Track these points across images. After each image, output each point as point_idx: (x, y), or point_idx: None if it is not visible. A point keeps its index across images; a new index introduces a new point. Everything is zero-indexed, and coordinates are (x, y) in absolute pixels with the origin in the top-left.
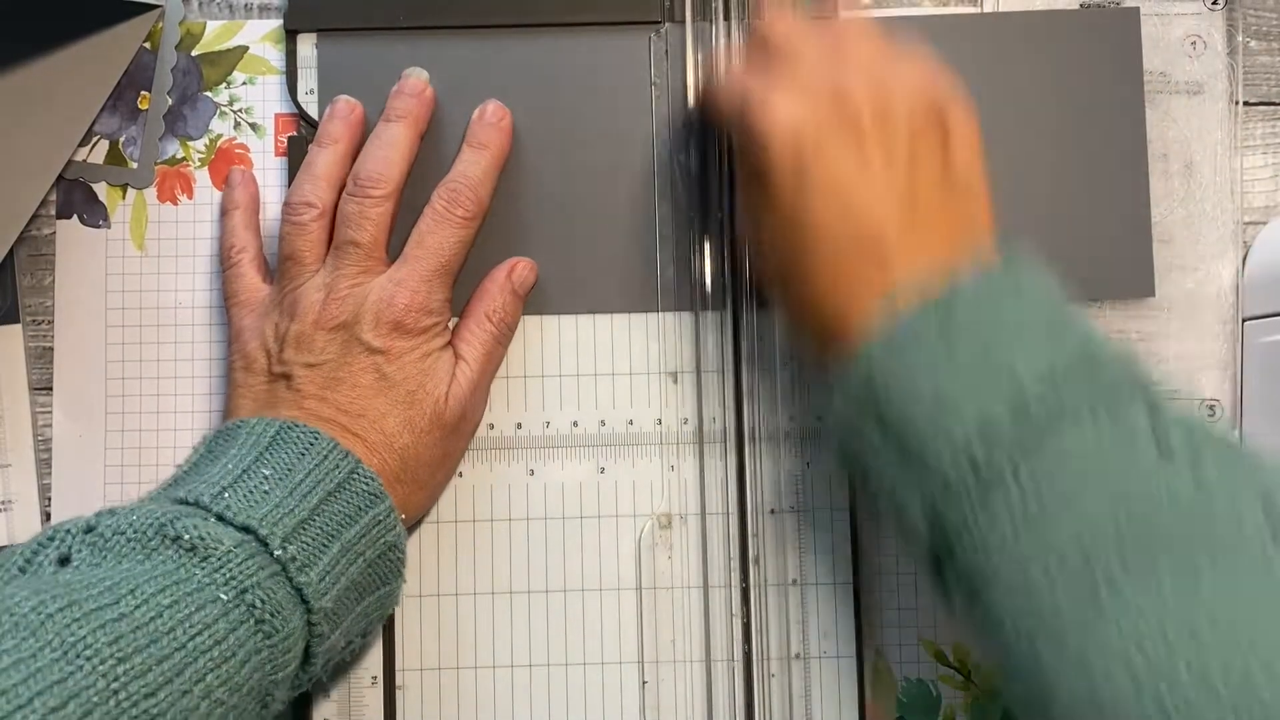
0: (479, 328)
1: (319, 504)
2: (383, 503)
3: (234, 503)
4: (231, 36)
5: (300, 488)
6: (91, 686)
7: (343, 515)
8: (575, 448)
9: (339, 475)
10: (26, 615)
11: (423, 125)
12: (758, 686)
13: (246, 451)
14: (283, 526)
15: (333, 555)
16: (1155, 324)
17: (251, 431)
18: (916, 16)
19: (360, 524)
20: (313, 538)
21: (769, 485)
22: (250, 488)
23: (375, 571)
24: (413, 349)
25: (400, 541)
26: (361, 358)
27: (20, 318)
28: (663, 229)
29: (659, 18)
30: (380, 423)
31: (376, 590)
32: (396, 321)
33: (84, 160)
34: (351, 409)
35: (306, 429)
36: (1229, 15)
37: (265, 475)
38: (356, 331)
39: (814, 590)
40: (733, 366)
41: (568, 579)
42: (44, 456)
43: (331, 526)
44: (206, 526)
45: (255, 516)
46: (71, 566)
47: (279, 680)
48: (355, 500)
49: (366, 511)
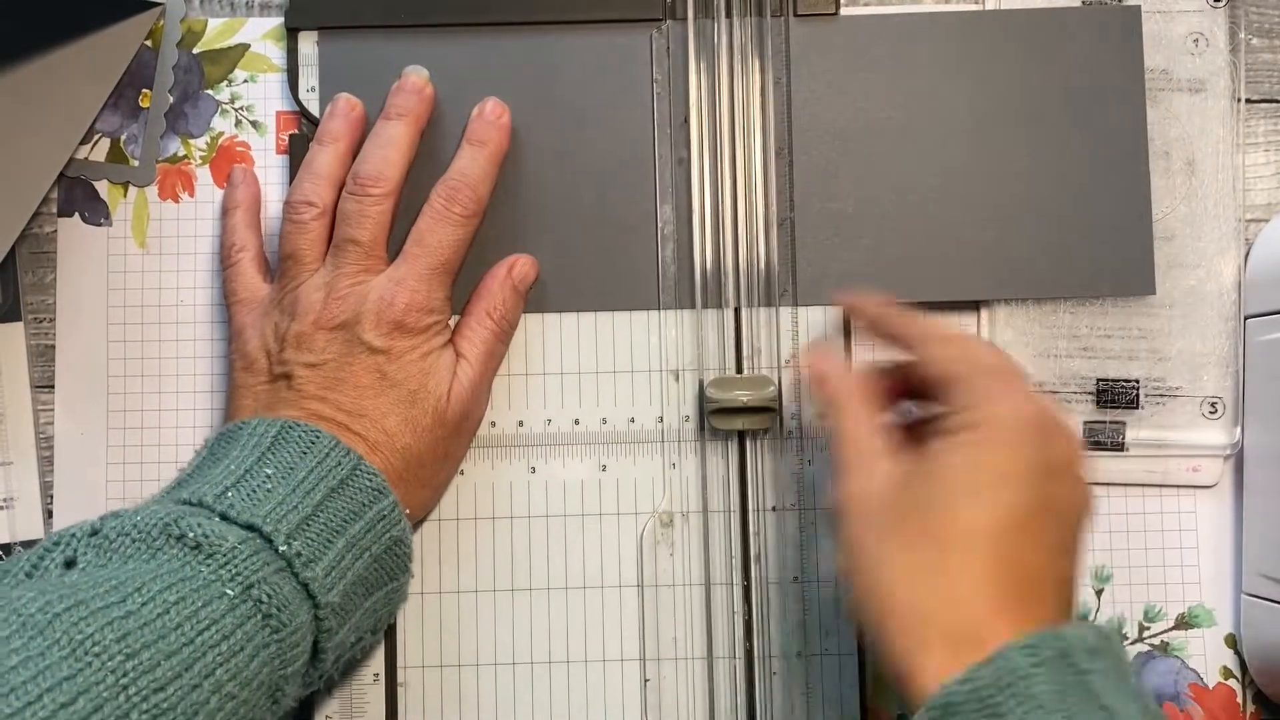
0: (480, 325)
1: (322, 500)
2: (386, 498)
3: (237, 501)
4: (233, 34)
5: (303, 485)
6: (100, 682)
7: (346, 511)
8: (577, 445)
9: (341, 472)
10: (34, 615)
11: (422, 123)
12: (759, 684)
13: (248, 452)
14: (286, 523)
15: (338, 550)
16: (1157, 322)
17: (253, 432)
18: (919, 14)
19: (364, 519)
20: (317, 534)
21: (770, 483)
22: (253, 487)
23: (382, 566)
24: (414, 348)
25: (406, 536)
26: (363, 358)
27: (22, 316)
28: (664, 226)
29: (660, 15)
30: (382, 422)
31: (384, 585)
32: (397, 321)
33: (85, 158)
34: (353, 409)
35: (308, 428)
36: (1231, 13)
37: (268, 474)
38: (357, 332)
39: (815, 588)
40: (734, 365)
41: (569, 576)
42: (45, 454)
43: (335, 523)
44: (211, 525)
45: (259, 514)
46: (78, 568)
47: (288, 675)
48: (359, 496)
49: (370, 507)
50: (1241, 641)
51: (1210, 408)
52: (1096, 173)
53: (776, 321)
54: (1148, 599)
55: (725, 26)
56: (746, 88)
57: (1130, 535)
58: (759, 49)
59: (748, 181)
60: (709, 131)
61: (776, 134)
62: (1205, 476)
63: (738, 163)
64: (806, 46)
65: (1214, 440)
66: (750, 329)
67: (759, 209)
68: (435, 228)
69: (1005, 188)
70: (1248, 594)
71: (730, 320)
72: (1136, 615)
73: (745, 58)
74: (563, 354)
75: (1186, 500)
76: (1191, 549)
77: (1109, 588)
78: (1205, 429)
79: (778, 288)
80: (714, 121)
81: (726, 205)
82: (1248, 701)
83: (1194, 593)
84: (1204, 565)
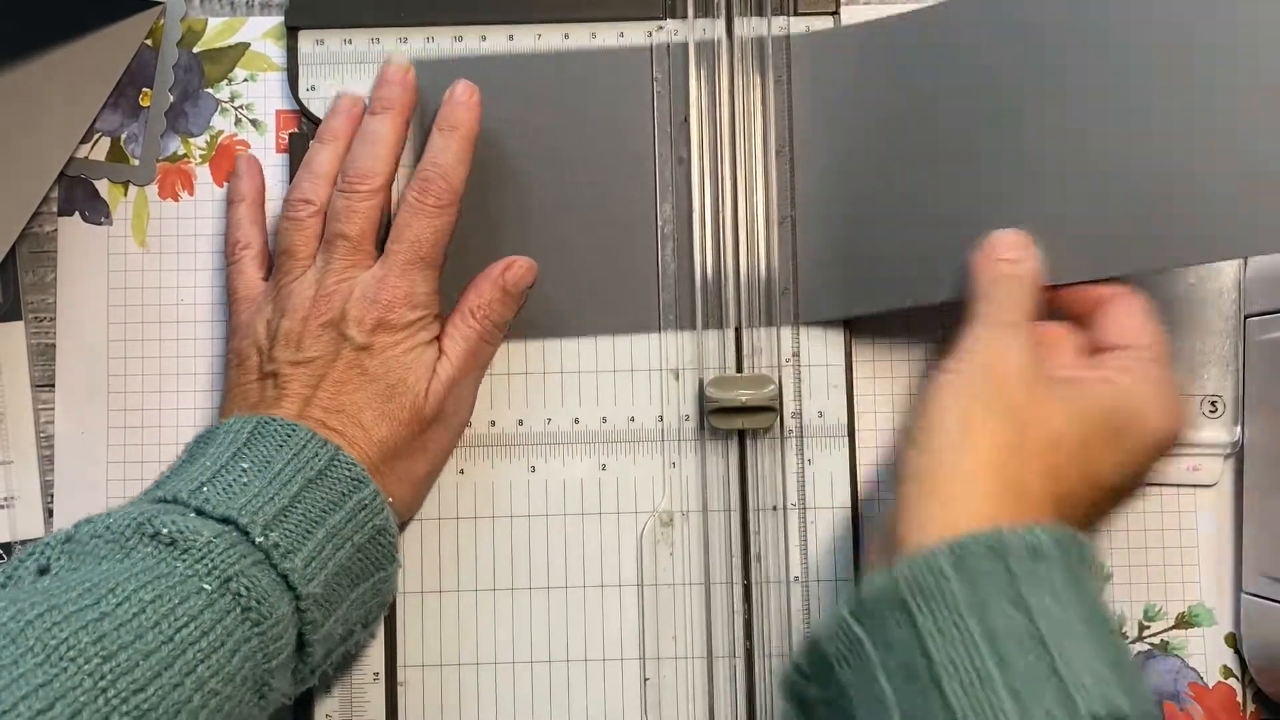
0: (462, 323)
1: (300, 491)
2: (366, 487)
3: (212, 496)
4: (233, 33)
5: (280, 477)
6: (78, 687)
7: (325, 501)
8: (577, 444)
9: (319, 463)
10: (5, 624)
11: (409, 112)
12: (759, 683)
13: (224, 449)
14: (263, 515)
15: (317, 541)
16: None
17: (229, 430)
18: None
19: (345, 509)
20: (295, 524)
21: (770, 482)
22: (229, 481)
23: (366, 556)
24: (397, 343)
25: (389, 525)
26: (347, 354)
27: (22, 315)
28: (664, 225)
29: (660, 14)
30: (358, 416)
31: (371, 576)
32: (380, 319)
33: (85, 157)
34: (331, 405)
35: (284, 423)
36: None
37: (244, 469)
38: (343, 329)
39: (815, 587)
40: (734, 364)
41: (569, 575)
42: (46, 453)
43: (314, 513)
44: (185, 521)
45: (234, 507)
46: (51, 574)
47: (273, 669)
48: (338, 486)
49: (350, 496)
50: (1241, 640)
51: (1210, 406)
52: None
53: (777, 320)
54: (1148, 598)
55: (725, 25)
56: (747, 87)
57: (1130, 534)
58: (759, 48)
59: (748, 180)
60: (709, 131)
61: (777, 133)
62: (1205, 475)
63: (738, 162)
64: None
65: (1214, 439)
66: (751, 328)
67: (759, 207)
68: (411, 221)
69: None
70: (1248, 593)
71: (731, 319)
72: (1136, 614)
73: (745, 56)
74: (563, 353)
75: (1187, 499)
76: (1192, 548)
77: (1109, 587)
78: (1205, 428)
79: (778, 286)
80: (714, 121)
81: (727, 204)
82: (1248, 701)
83: (1194, 592)
84: (1204, 564)
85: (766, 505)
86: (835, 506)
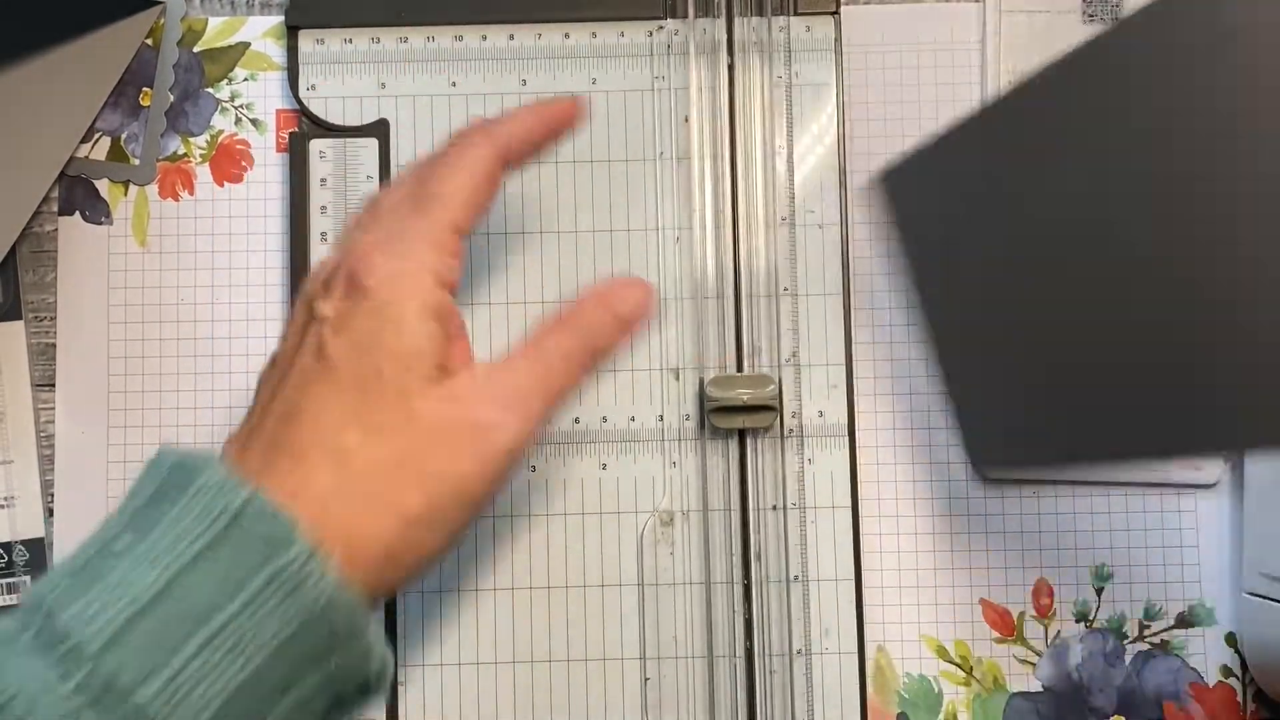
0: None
1: (172, 580)
2: (286, 552)
3: (64, 599)
4: (233, 33)
5: (149, 556)
6: None
7: (207, 594)
8: (577, 444)
9: (210, 531)
10: None
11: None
12: (759, 683)
13: (125, 505)
14: (101, 633)
15: (184, 657)
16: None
17: (146, 475)
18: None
19: (239, 599)
20: (148, 641)
21: (771, 482)
22: (96, 569)
23: (292, 665)
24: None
25: (337, 603)
26: (310, 333)
27: (22, 314)
28: (664, 225)
29: (661, 13)
30: (318, 419)
31: (305, 692)
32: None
33: (86, 157)
34: (280, 411)
35: (199, 457)
36: None
37: (125, 543)
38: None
39: (816, 586)
40: (735, 363)
41: (569, 575)
42: (46, 453)
43: (196, 610)
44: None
45: (74, 619)
46: None
47: None
48: (241, 559)
49: (258, 573)
50: (1242, 640)
51: None
52: None
53: (777, 319)
54: (1148, 598)
55: (726, 25)
56: (747, 86)
57: (1131, 534)
58: (759, 47)
59: (748, 179)
60: (709, 130)
61: (777, 133)
62: (1206, 475)
63: (738, 162)
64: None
65: None
66: (751, 327)
67: (759, 208)
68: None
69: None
70: (1248, 593)
71: (731, 318)
72: (1137, 614)
73: (746, 56)
74: None
75: (1187, 499)
76: (1192, 548)
77: (1109, 586)
78: None
79: (779, 286)
80: (715, 120)
81: (727, 204)
82: (1248, 700)
83: (1194, 591)
84: (1204, 564)
85: (766, 505)
86: (835, 506)
